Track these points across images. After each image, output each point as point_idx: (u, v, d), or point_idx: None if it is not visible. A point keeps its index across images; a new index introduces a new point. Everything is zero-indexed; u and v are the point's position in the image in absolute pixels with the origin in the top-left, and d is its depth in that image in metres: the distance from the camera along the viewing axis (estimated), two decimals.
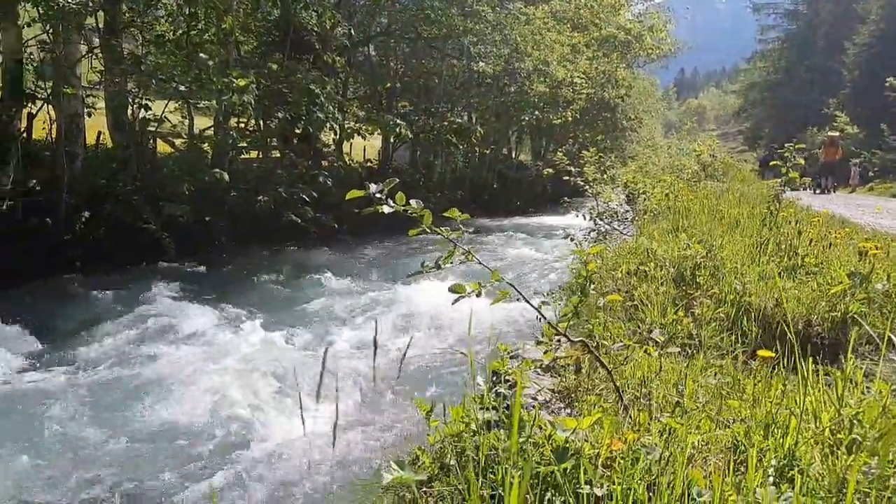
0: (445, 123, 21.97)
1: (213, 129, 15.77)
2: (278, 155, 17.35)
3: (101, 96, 13.91)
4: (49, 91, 11.84)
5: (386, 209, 2.41)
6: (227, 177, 13.10)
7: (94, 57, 13.07)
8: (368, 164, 22.36)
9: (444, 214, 2.58)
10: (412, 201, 2.50)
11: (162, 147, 15.14)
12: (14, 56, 11.20)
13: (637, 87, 42.99)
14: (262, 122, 16.51)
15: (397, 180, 2.62)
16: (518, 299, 2.53)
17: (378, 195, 2.43)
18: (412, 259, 15.28)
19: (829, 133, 25.21)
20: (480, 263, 2.60)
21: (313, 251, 15.40)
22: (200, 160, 14.42)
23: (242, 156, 16.57)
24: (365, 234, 17.47)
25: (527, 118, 25.88)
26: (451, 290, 2.46)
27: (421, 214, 2.49)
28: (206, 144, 14.48)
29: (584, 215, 10.19)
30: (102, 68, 13.03)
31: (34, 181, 11.56)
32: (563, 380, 2.86)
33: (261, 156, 17.33)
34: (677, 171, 13.29)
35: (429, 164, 25.72)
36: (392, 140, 23.08)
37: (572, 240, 9.39)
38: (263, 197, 15.05)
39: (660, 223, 7.16)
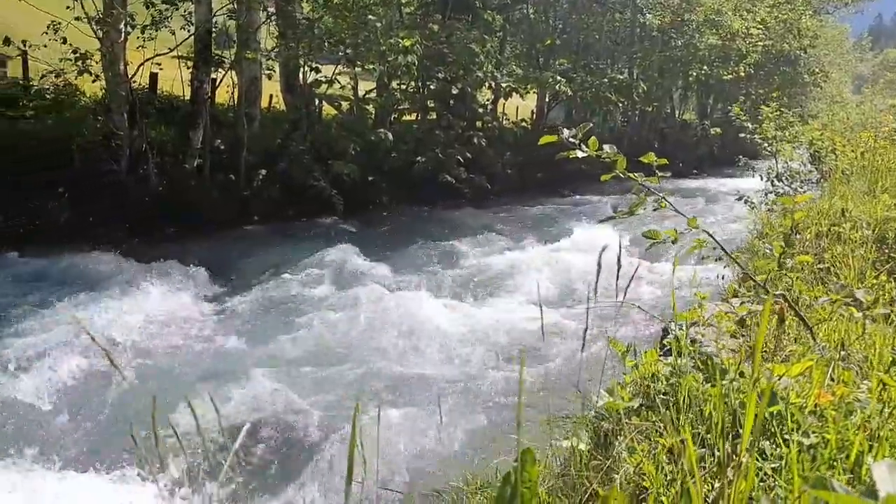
0: (605, 80, 21.12)
1: (375, 91, 16.32)
2: (435, 116, 17.63)
3: (275, 61, 14.80)
4: (233, 57, 12.78)
5: (579, 154, 2.32)
6: (391, 137, 13.53)
7: (271, 23, 13.91)
8: (523, 123, 22.10)
9: (640, 159, 2.46)
10: (605, 146, 2.38)
11: (327, 110, 15.93)
12: (205, 25, 12.17)
13: (823, 36, 38.62)
14: (421, 84, 16.81)
15: (591, 125, 2.51)
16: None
17: (571, 139, 2.33)
18: (566, 220, 15.01)
19: None
20: (676, 211, 2.46)
21: (466, 211, 15.59)
22: (364, 122, 15.01)
23: (404, 118, 17.01)
24: (517, 195, 17.41)
25: (694, 74, 24.24)
26: (646, 235, 2.38)
27: (614, 159, 2.37)
28: (371, 106, 15.00)
29: (760, 175, 9.40)
30: (278, 33, 13.83)
31: (219, 141, 12.64)
32: (749, 339, 2.71)
33: (419, 117, 17.71)
34: (873, 129, 11.83)
35: (585, 123, 24.96)
36: (548, 99, 22.61)
37: (747, 202, 8.78)
38: (421, 158, 15.41)
39: (852, 184, 6.54)
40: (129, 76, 11.45)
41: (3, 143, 10.68)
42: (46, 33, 11.30)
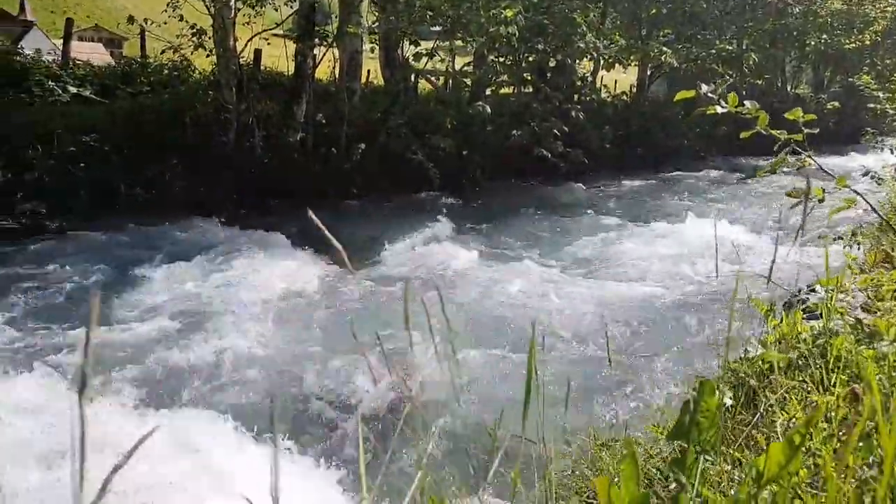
0: (713, 51, 20.04)
1: (471, 65, 16.20)
2: (532, 89, 17.33)
3: (376, 35, 14.95)
4: (335, 31, 13.00)
5: (719, 109, 2.17)
6: (489, 110, 13.42)
7: None
8: (624, 96, 21.37)
9: (786, 115, 2.28)
10: (746, 102, 2.22)
11: (423, 84, 15.97)
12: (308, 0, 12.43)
13: None
14: (520, 56, 16.53)
15: (730, 80, 2.35)
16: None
17: (710, 94, 2.18)
18: (667, 197, 14.47)
19: None
20: (820, 168, 2.29)
21: (563, 187, 15.31)
22: (461, 95, 14.95)
23: (502, 90, 16.81)
24: (615, 171, 16.92)
25: (812, 43, 22.60)
26: (789, 194, 2.21)
27: (756, 115, 2.20)
28: (468, 79, 14.91)
29: (891, 149, 8.69)
30: (379, 7, 13.94)
31: (320, 115, 12.94)
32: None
33: (515, 90, 17.45)
34: None
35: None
36: (649, 72, 21.74)
37: (874, 177, 8.20)
38: (517, 131, 15.21)
39: None
40: (238, 52, 11.89)
41: (123, 117, 11.39)
42: (166, 11, 11.92)
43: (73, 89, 11.60)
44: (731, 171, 18.43)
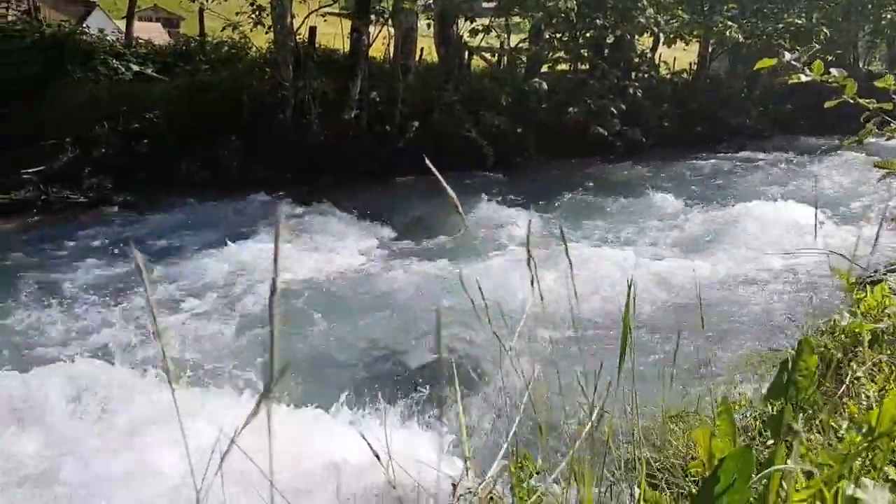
0: (780, 26, 19.18)
1: (527, 41, 15.94)
2: (588, 66, 16.95)
3: (431, 11, 14.83)
4: (391, 8, 12.94)
5: (803, 77, 2.04)
6: (545, 86, 13.20)
7: None
8: (684, 73, 20.71)
9: (877, 83, 2.14)
10: (833, 70, 2.08)
11: (476, 61, 15.79)
12: None
13: None
14: (577, 32, 16.18)
15: (816, 46, 2.23)
16: None
17: (794, 62, 2.05)
18: (730, 177, 14.02)
19: None
20: None
21: (619, 165, 14.98)
22: (516, 72, 14.74)
23: (558, 67, 16.51)
24: (674, 149, 16.44)
25: (888, 16, 21.38)
26: (878, 165, 2.09)
27: (843, 84, 2.07)
28: (523, 56, 14.70)
29: None
30: None
31: (374, 93, 12.95)
32: None
33: (571, 67, 17.11)
34: None
35: (752, 75, 22.94)
36: (710, 49, 20.99)
37: None
38: (573, 109, 14.92)
39: None
40: (295, 29, 11.97)
41: (183, 95, 11.64)
42: None
43: (135, 67, 11.91)
44: (797, 151, 17.69)
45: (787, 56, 2.06)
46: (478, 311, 0.93)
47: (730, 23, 16.35)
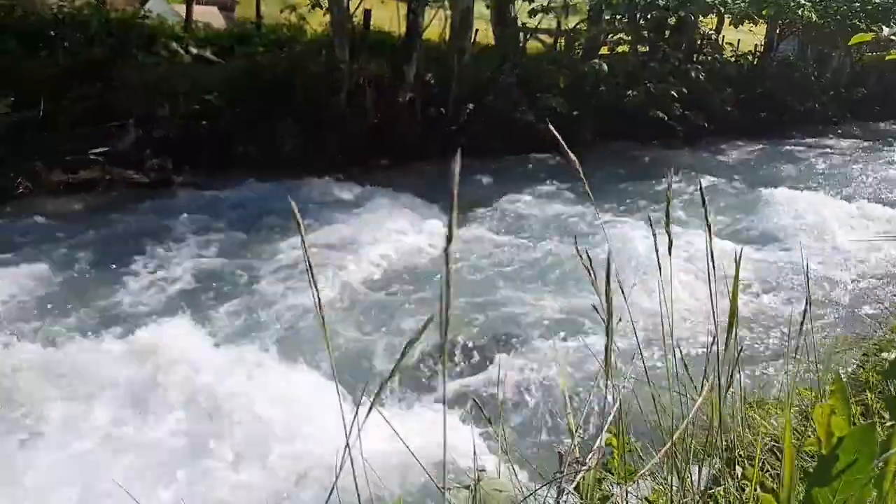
0: (856, 4, 18.19)
1: (585, 22, 15.55)
2: (648, 48, 16.44)
3: None
4: None
5: None
6: (605, 67, 12.87)
7: None
8: (749, 56, 19.92)
9: None
10: None
11: (531, 44, 15.48)
12: None
13: None
14: (637, 13, 15.70)
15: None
16: None
17: (893, 37, 1.87)
18: (797, 165, 13.45)
19: None
20: None
21: (681, 151, 14.53)
22: (573, 54, 14.41)
23: (617, 49, 16.08)
24: (737, 135, 15.86)
25: None
26: None
27: None
28: (581, 37, 14.36)
29: None
30: None
31: (430, 75, 12.86)
32: None
33: (631, 49, 16.63)
34: None
35: (822, 58, 21.90)
36: (778, 30, 20.10)
37: None
38: (632, 92, 14.51)
39: None
40: (351, 11, 11.96)
41: (240, 77, 11.79)
42: None
43: (194, 50, 12.12)
44: (872, 138, 16.82)
45: (886, 31, 1.88)
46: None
47: (803, 1, 15.57)
